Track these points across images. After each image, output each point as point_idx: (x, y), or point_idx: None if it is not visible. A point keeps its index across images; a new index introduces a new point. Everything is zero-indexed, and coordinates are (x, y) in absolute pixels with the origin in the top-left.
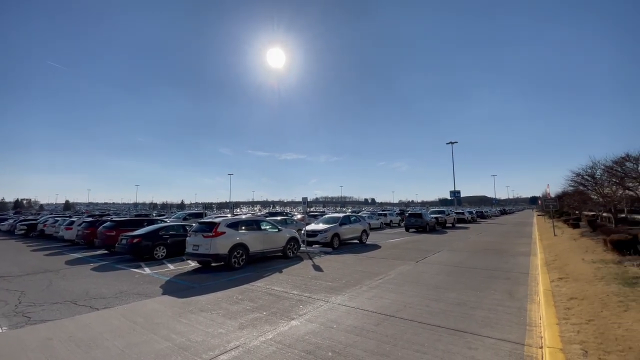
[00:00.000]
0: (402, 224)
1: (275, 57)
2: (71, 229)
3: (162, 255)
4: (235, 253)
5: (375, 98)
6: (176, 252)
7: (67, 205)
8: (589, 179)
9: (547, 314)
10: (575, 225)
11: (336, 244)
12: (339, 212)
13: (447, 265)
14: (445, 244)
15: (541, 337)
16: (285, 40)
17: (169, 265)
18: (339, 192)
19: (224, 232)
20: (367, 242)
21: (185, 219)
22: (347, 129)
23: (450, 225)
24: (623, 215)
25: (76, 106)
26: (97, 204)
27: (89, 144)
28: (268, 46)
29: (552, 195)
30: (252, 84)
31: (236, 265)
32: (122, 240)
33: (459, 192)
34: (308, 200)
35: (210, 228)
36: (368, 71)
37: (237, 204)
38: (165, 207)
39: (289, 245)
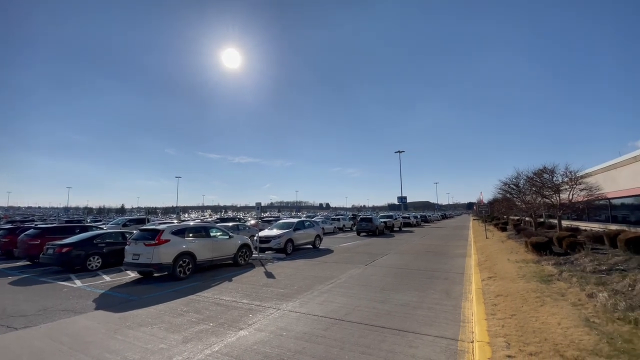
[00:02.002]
0: (354, 228)
1: (230, 57)
2: None
3: (96, 266)
4: (181, 262)
5: (330, 105)
6: (113, 262)
7: None
8: (514, 187)
9: (478, 311)
10: (504, 229)
11: (290, 250)
12: (294, 217)
13: (394, 267)
14: (393, 247)
15: (472, 332)
16: (241, 41)
17: (104, 276)
18: (294, 197)
19: (168, 240)
20: (321, 247)
21: (125, 225)
22: (302, 134)
23: (398, 229)
24: (542, 220)
25: None
26: (19, 208)
27: (8, 140)
28: (222, 46)
29: (485, 201)
30: (204, 83)
31: (182, 275)
32: (48, 249)
33: (405, 197)
34: (263, 205)
35: (152, 236)
36: (323, 78)
37: (185, 209)
38: (103, 212)
39: (240, 253)
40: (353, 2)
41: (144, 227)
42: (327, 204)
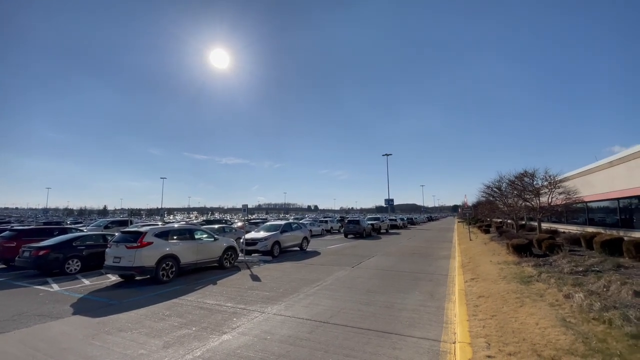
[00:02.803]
0: (342, 231)
1: (219, 57)
2: None
3: (75, 270)
4: (164, 265)
5: (319, 106)
6: (94, 265)
7: None
8: (497, 191)
9: (460, 312)
10: (487, 231)
11: (277, 252)
12: (281, 219)
13: (380, 269)
14: (380, 248)
15: (454, 333)
16: (229, 41)
17: (83, 280)
18: (282, 198)
19: (151, 243)
20: (308, 249)
21: (106, 227)
22: (291, 135)
23: (385, 231)
24: (523, 222)
25: None
26: None
27: None
28: (210, 46)
29: (469, 204)
30: (192, 83)
31: (165, 279)
32: (24, 252)
33: (392, 200)
34: (250, 207)
35: (134, 238)
36: (312, 79)
37: (170, 211)
38: (84, 214)
39: (225, 255)
40: (341, 5)
41: (126, 229)
42: (315, 206)
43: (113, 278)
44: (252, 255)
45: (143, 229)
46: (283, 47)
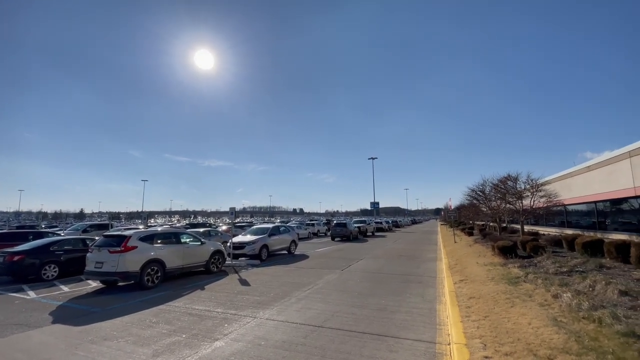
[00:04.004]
0: (329, 233)
1: (202, 58)
2: None
3: (52, 276)
4: (149, 270)
5: (304, 110)
6: (73, 271)
7: None
8: (481, 194)
9: (453, 313)
10: (470, 234)
11: (265, 256)
12: (267, 222)
13: (369, 272)
14: (367, 251)
15: (449, 335)
16: (213, 41)
17: (62, 287)
18: (267, 201)
19: (136, 247)
20: (296, 253)
21: (85, 231)
22: (276, 138)
23: (371, 234)
24: (505, 225)
25: None
26: None
27: None
28: (194, 46)
29: (453, 207)
30: (175, 84)
31: (150, 284)
32: None
33: (378, 203)
34: (235, 210)
35: (118, 242)
36: (297, 83)
37: (151, 214)
38: (59, 217)
39: (212, 260)
40: (328, 9)
41: (109, 233)
42: (301, 209)
43: (94, 284)
44: (240, 259)
45: (127, 233)
46: (269, 49)
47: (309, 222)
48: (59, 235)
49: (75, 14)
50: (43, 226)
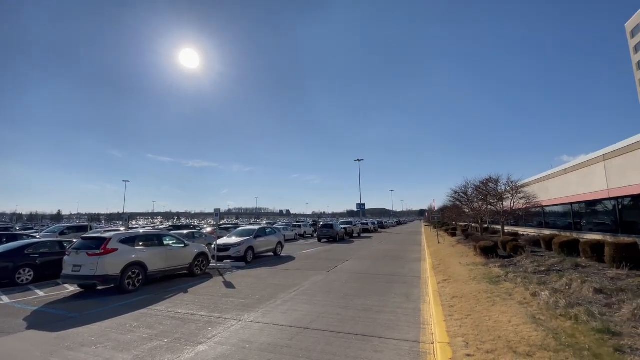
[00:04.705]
0: (315, 235)
1: (187, 57)
2: None
3: (27, 280)
4: (130, 273)
5: (290, 111)
6: (49, 275)
7: None
8: (463, 195)
9: (436, 313)
10: (453, 234)
11: (250, 258)
12: (253, 224)
13: (355, 273)
14: (353, 252)
15: (432, 334)
16: (198, 41)
17: (37, 291)
18: (253, 203)
19: (116, 249)
20: (283, 254)
21: (62, 233)
22: (262, 139)
23: (357, 235)
24: (486, 226)
25: None
26: None
27: None
28: (178, 45)
29: (437, 208)
30: (157, 83)
31: (130, 288)
32: None
33: (364, 204)
34: (220, 212)
35: (97, 245)
36: (283, 83)
37: (132, 216)
38: (35, 219)
39: (196, 262)
40: (313, 8)
41: (88, 235)
42: (288, 211)
43: (71, 288)
44: (224, 261)
45: (107, 235)
46: (255, 49)
47: (295, 223)
48: (34, 237)
49: (56, 11)
50: (17, 228)
